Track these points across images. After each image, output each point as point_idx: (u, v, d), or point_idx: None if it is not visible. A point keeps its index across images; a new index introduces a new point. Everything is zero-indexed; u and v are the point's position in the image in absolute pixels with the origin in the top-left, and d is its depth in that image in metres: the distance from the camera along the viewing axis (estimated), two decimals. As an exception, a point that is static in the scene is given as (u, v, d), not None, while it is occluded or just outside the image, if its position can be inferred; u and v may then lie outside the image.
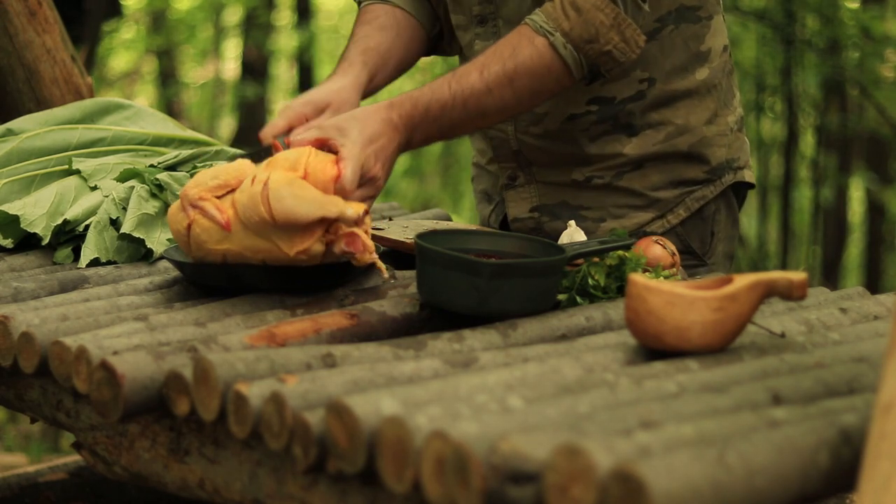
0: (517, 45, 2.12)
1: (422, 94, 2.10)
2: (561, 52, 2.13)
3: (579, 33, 2.12)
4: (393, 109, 2.07)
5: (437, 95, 2.10)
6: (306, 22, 9.38)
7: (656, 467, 1.21)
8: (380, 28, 2.41)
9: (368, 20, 2.43)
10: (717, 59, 2.39)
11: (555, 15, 2.13)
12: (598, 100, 2.33)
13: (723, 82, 2.41)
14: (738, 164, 2.43)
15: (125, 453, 1.76)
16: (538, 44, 2.12)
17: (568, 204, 2.40)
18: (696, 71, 2.36)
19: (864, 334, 1.81)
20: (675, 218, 2.38)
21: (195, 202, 1.94)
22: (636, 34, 2.15)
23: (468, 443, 1.30)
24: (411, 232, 2.22)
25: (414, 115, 2.09)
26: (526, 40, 2.13)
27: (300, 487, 1.55)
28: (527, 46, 2.12)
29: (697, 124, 2.37)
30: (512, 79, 2.12)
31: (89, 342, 1.74)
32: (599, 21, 2.12)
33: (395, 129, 2.07)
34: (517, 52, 2.12)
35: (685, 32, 2.33)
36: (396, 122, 2.07)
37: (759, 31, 6.40)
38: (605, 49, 2.14)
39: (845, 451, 1.36)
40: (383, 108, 2.07)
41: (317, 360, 1.64)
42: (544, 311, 1.87)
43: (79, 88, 3.03)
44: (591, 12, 2.12)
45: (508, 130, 2.40)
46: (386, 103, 2.08)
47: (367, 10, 2.46)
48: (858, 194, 9.03)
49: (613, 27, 2.13)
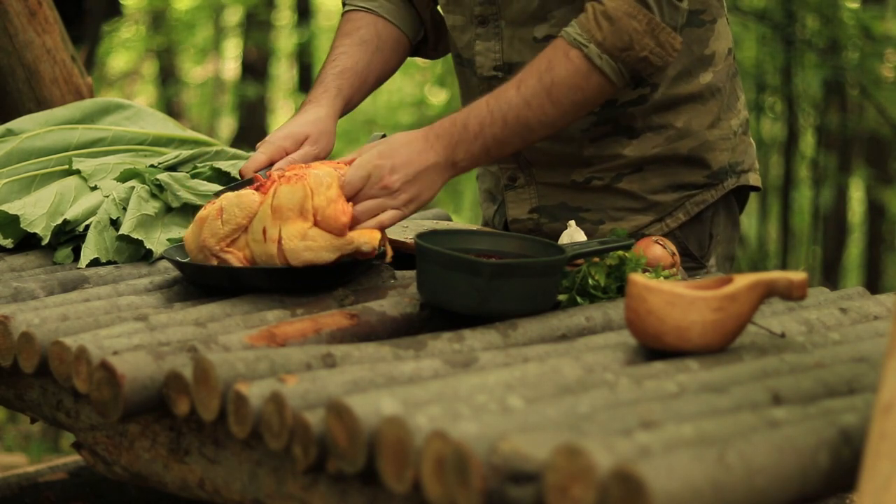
0: (553, 59, 2.12)
1: (459, 113, 2.11)
2: (597, 62, 2.12)
3: (613, 42, 2.11)
4: (430, 130, 2.08)
5: (475, 112, 2.10)
6: (306, 21, 9.38)
7: (656, 467, 1.21)
8: (359, 42, 2.42)
9: (349, 32, 2.43)
10: (721, 62, 2.38)
11: (588, 26, 2.12)
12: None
13: (726, 86, 2.40)
14: (742, 168, 2.42)
15: (125, 453, 1.76)
16: (573, 56, 2.12)
17: (567, 205, 2.40)
18: (700, 75, 2.35)
19: (864, 334, 1.81)
20: (674, 222, 2.37)
21: (217, 254, 1.99)
22: (671, 38, 2.14)
23: (468, 443, 1.30)
24: (411, 232, 2.22)
25: (452, 132, 2.08)
26: (561, 53, 2.12)
27: (300, 487, 1.55)
28: (562, 59, 2.12)
29: (699, 128, 2.36)
30: (550, 92, 2.11)
31: (89, 342, 1.74)
32: (633, 28, 2.11)
33: (428, 145, 2.05)
34: (553, 66, 2.11)
35: (689, 36, 2.33)
36: (432, 139, 2.06)
37: (759, 31, 6.40)
38: (642, 55, 2.13)
39: (845, 451, 1.36)
40: (420, 130, 2.08)
41: (317, 360, 1.64)
42: (544, 311, 1.87)
43: (79, 88, 3.03)
44: (624, 20, 2.11)
45: None
46: (426, 128, 2.09)
47: (349, 18, 2.46)
48: (858, 194, 9.03)
49: (647, 33, 2.12)
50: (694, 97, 2.35)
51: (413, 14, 2.49)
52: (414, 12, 2.49)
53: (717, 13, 2.37)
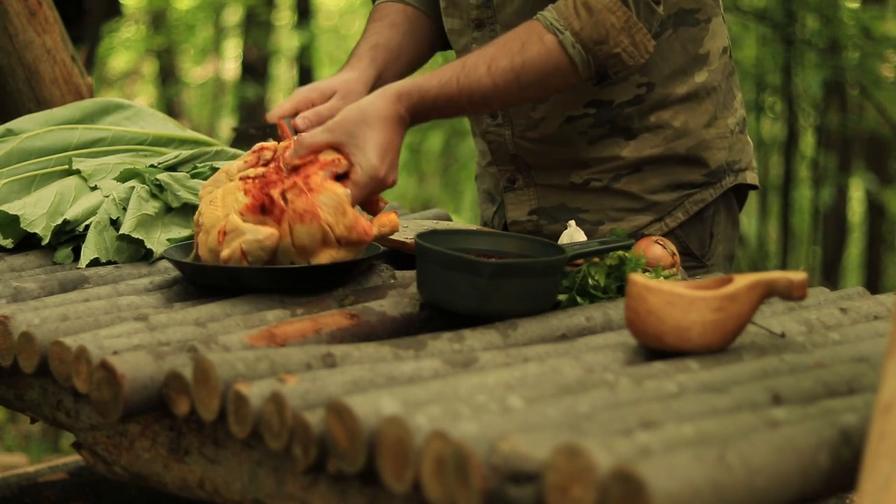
0: (526, 42, 2.12)
1: (430, 87, 2.10)
2: (569, 51, 2.12)
3: (589, 34, 2.12)
4: (401, 102, 2.07)
5: (446, 90, 2.11)
6: (306, 22, 9.37)
7: (656, 467, 1.21)
8: (390, 25, 2.44)
9: (379, 17, 2.47)
10: (717, 61, 2.38)
11: (566, 13, 2.13)
12: (595, 103, 2.33)
13: (722, 84, 2.40)
14: (740, 167, 2.42)
15: (125, 453, 1.76)
16: (547, 41, 2.12)
17: (566, 206, 2.40)
18: (695, 74, 2.35)
19: (864, 334, 1.81)
20: (674, 221, 2.37)
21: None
22: (646, 39, 2.15)
23: (468, 443, 1.30)
24: (411, 232, 2.22)
25: (421, 107, 2.10)
26: (536, 36, 2.13)
27: (300, 487, 1.55)
28: (536, 43, 2.12)
29: (696, 127, 2.36)
30: (519, 75, 2.12)
31: (89, 342, 1.74)
32: (611, 23, 2.12)
33: (403, 123, 2.08)
34: (526, 49, 2.12)
35: (683, 36, 2.33)
36: (404, 115, 2.08)
37: (759, 31, 6.40)
38: (615, 51, 2.14)
39: (845, 451, 1.36)
40: (391, 100, 2.07)
41: (317, 360, 1.64)
42: (544, 311, 1.87)
43: (79, 88, 3.03)
44: (603, 13, 2.12)
45: (506, 135, 2.40)
46: (394, 94, 2.08)
47: (379, 8, 2.49)
48: (858, 194, 9.03)
49: (624, 30, 2.13)
50: (690, 96, 2.35)
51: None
52: None
53: (713, 12, 2.37)
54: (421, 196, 9.62)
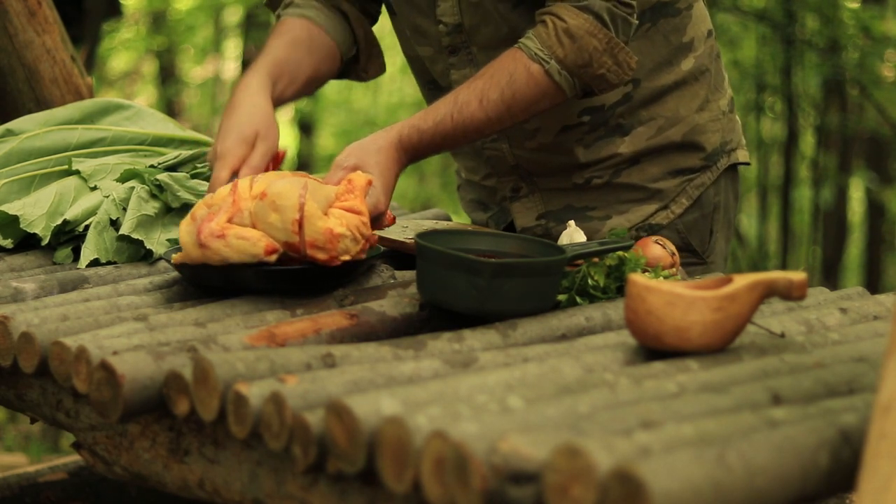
0: (513, 73, 2.15)
1: (427, 128, 2.15)
2: (556, 78, 2.16)
3: (574, 60, 2.15)
4: (401, 147, 2.14)
5: (441, 129, 2.15)
6: (306, 22, 9.35)
7: (656, 467, 1.21)
8: (291, 42, 2.39)
9: (281, 33, 2.40)
10: (702, 45, 2.40)
11: (549, 42, 2.15)
12: (589, 110, 2.36)
13: (711, 67, 2.43)
14: (731, 146, 2.47)
15: (125, 453, 1.76)
16: (534, 71, 2.16)
17: (573, 206, 2.42)
18: (681, 62, 2.38)
19: (864, 334, 1.81)
20: (679, 207, 2.40)
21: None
22: (628, 57, 2.18)
23: (468, 443, 1.30)
24: (411, 232, 2.22)
25: (419, 148, 2.15)
26: (522, 67, 2.16)
27: (300, 487, 1.55)
28: (523, 73, 2.15)
29: (688, 113, 2.39)
30: (510, 105, 2.16)
31: (89, 342, 1.74)
32: (593, 47, 2.15)
33: (401, 166, 2.15)
34: (514, 80, 2.15)
35: (664, 27, 2.35)
36: (403, 160, 2.14)
37: (759, 31, 6.39)
38: (599, 73, 2.17)
39: (845, 451, 1.36)
40: (393, 147, 2.13)
41: (317, 360, 1.64)
42: (544, 311, 1.87)
43: (79, 88, 3.03)
44: (585, 38, 2.14)
45: (503, 148, 2.42)
46: (396, 139, 2.13)
47: (283, 23, 2.43)
48: (858, 194, 9.02)
49: (606, 52, 2.16)
50: (678, 84, 2.38)
51: (347, 30, 2.46)
52: (349, 29, 2.46)
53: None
54: (421, 196, 9.63)
